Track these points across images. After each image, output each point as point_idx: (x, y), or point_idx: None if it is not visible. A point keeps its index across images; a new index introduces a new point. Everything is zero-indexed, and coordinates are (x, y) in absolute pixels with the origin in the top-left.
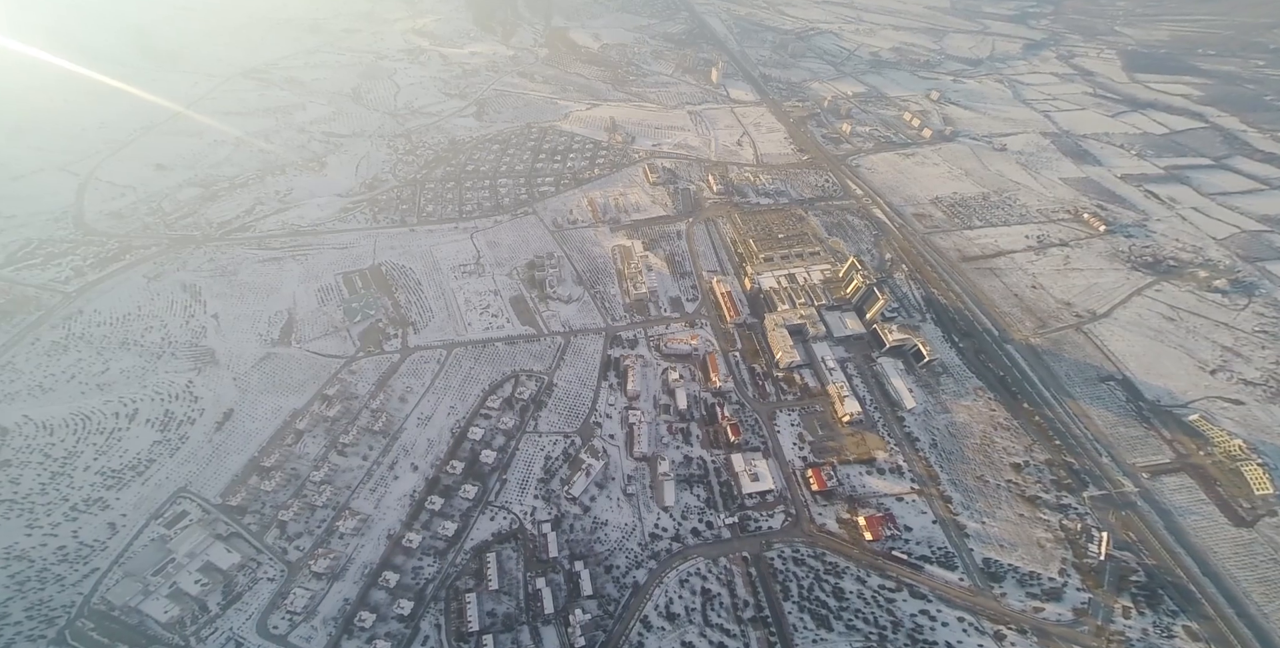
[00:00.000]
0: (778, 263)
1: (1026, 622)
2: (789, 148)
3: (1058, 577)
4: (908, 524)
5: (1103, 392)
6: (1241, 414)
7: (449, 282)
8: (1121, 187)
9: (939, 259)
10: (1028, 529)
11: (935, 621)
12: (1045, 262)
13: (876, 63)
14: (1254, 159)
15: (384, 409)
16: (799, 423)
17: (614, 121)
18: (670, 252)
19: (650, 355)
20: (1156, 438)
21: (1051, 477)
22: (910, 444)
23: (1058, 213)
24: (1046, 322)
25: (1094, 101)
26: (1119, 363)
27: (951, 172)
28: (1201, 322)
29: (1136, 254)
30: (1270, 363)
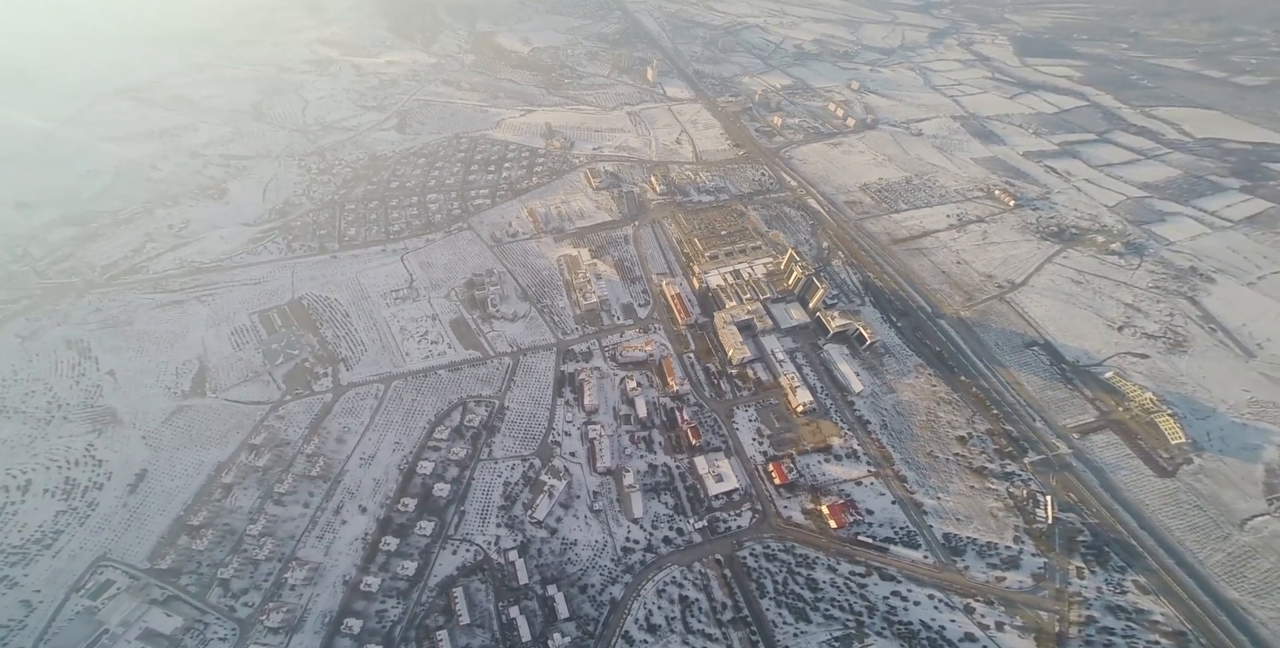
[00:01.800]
0: (723, 260)
1: (992, 593)
2: (725, 143)
3: (1013, 545)
4: (869, 508)
5: (1028, 357)
6: (1148, 367)
7: (380, 310)
8: (1024, 163)
9: (871, 243)
10: (979, 501)
11: (907, 601)
12: (966, 238)
13: (801, 55)
14: (1129, 133)
15: (321, 453)
16: (756, 418)
17: (550, 127)
18: (619, 257)
19: (606, 366)
20: (1080, 398)
21: (994, 446)
22: (862, 428)
23: (972, 191)
24: (972, 295)
25: (993, 85)
26: (1039, 328)
27: (876, 158)
28: (1105, 283)
29: (1043, 225)
30: (1165, 315)
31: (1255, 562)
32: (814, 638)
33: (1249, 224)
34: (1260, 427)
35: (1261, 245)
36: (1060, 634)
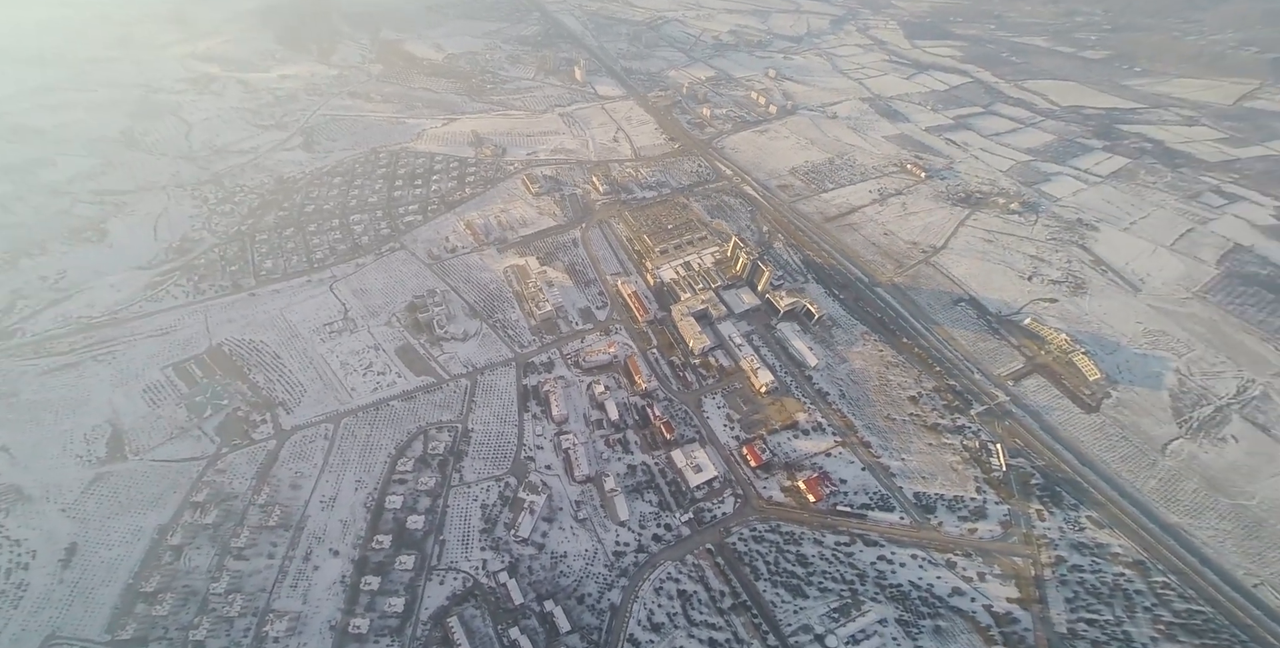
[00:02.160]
0: (673, 253)
1: (968, 545)
2: (661, 138)
3: (976, 496)
4: (842, 477)
5: (958, 313)
6: (1058, 310)
7: (315, 346)
8: (928, 138)
9: (807, 224)
10: (939, 457)
11: (893, 563)
12: (889, 211)
13: (719, 46)
14: (1009, 104)
15: (275, 502)
16: (724, 405)
17: (478, 135)
18: (569, 261)
19: (571, 374)
20: (1007, 346)
21: (943, 402)
22: (823, 400)
23: (888, 167)
24: (902, 262)
25: (891, 67)
26: (963, 285)
27: (799, 142)
28: (1010, 239)
29: (952, 193)
30: (1064, 263)
31: (1182, 485)
32: (813, 612)
33: (1114, 178)
34: (1157, 355)
35: (1127, 195)
36: (1037, 577)
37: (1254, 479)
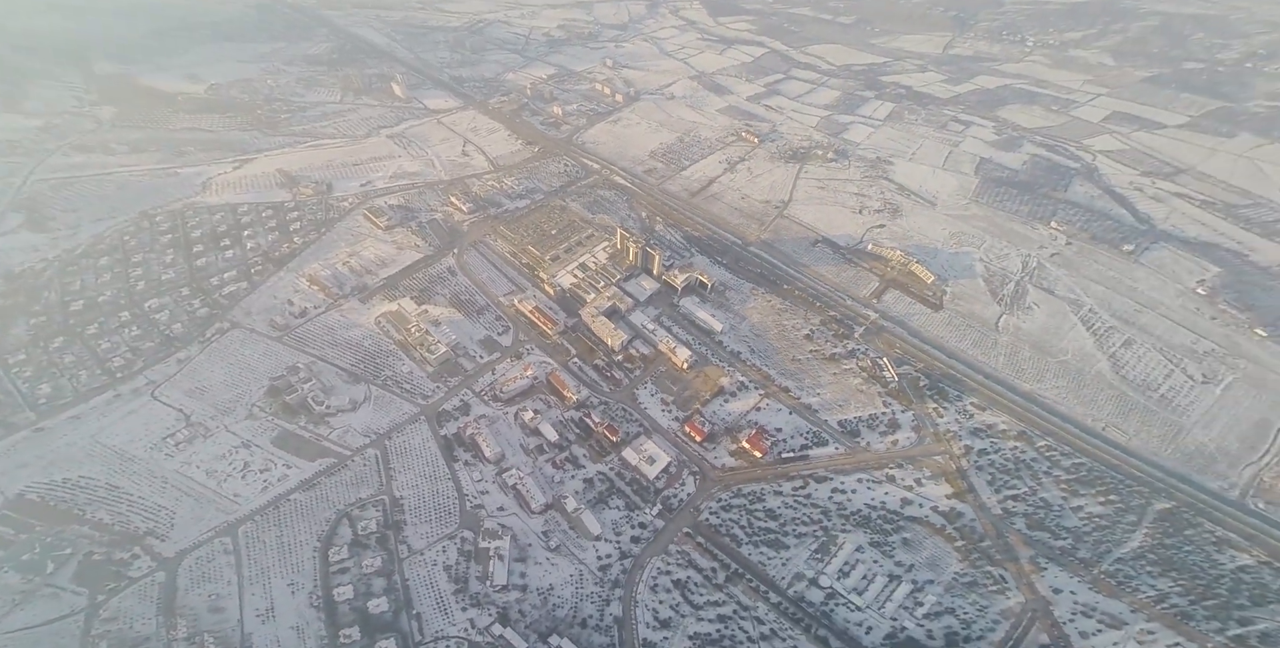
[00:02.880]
0: (564, 258)
1: (897, 457)
2: (517, 144)
3: (885, 409)
4: (777, 427)
5: (818, 253)
6: (888, 233)
7: (162, 464)
8: (751, 106)
9: (677, 202)
10: (845, 382)
11: (847, 492)
12: (739, 177)
13: (552, 43)
14: (801, 68)
15: (201, 630)
16: (656, 391)
17: (288, 174)
18: (452, 293)
19: (492, 409)
20: (862, 271)
21: (831, 332)
22: (738, 360)
23: (727, 138)
24: (762, 220)
25: (706, 45)
26: (814, 229)
27: (650, 126)
28: (835, 182)
29: (782, 152)
30: (879, 194)
31: (1020, 355)
32: (799, 558)
33: (889, 120)
34: (964, 252)
35: (901, 133)
36: (959, 470)
37: (1060, 337)
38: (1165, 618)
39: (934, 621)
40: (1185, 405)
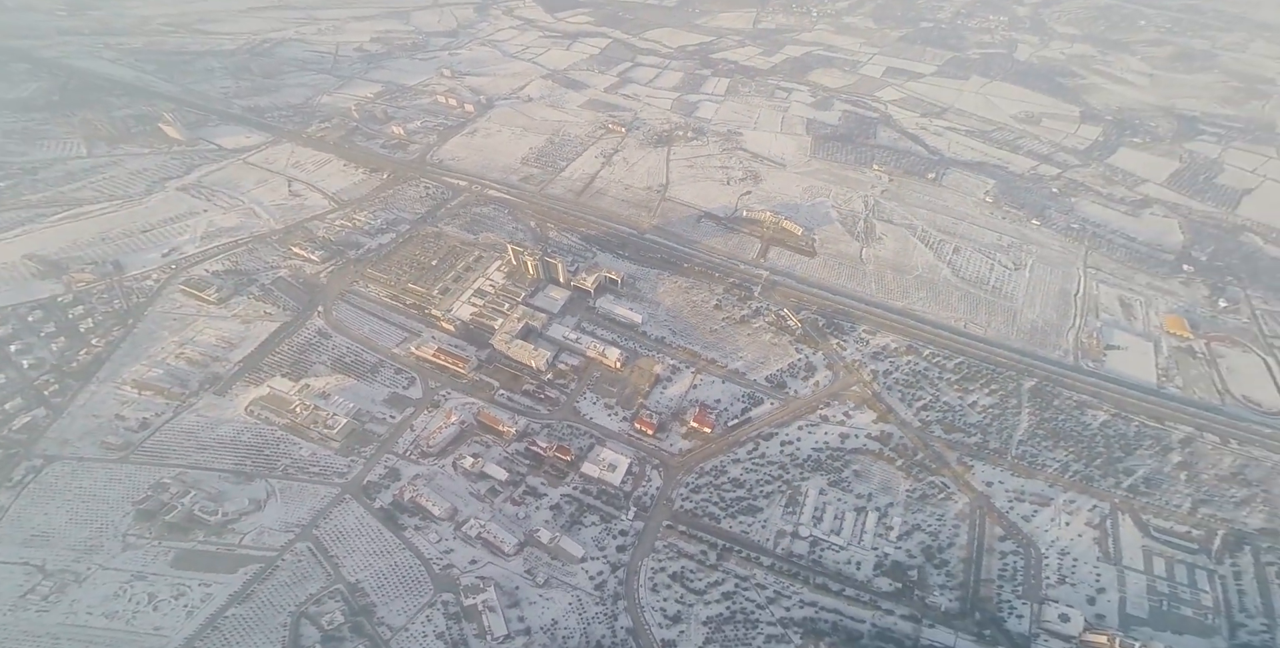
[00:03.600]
0: (456, 288)
1: (823, 397)
2: (359, 173)
3: (798, 356)
4: (716, 398)
5: (704, 228)
6: (756, 197)
7: (42, 622)
8: (609, 97)
9: (564, 204)
10: (759, 339)
11: (793, 442)
12: (618, 168)
13: (370, 58)
14: (644, 54)
15: None
16: (597, 398)
17: (45, 259)
18: (333, 357)
19: (425, 466)
20: (744, 235)
21: (735, 298)
22: (665, 345)
23: (596, 132)
24: (649, 206)
25: (550, 42)
26: (695, 206)
27: (514, 133)
28: (700, 159)
29: (649, 138)
30: (739, 163)
31: (885, 279)
32: (775, 517)
33: (729, 95)
34: (819, 202)
35: (742, 105)
36: (876, 394)
37: (909, 256)
38: (1076, 485)
39: (907, 540)
40: (1011, 291)
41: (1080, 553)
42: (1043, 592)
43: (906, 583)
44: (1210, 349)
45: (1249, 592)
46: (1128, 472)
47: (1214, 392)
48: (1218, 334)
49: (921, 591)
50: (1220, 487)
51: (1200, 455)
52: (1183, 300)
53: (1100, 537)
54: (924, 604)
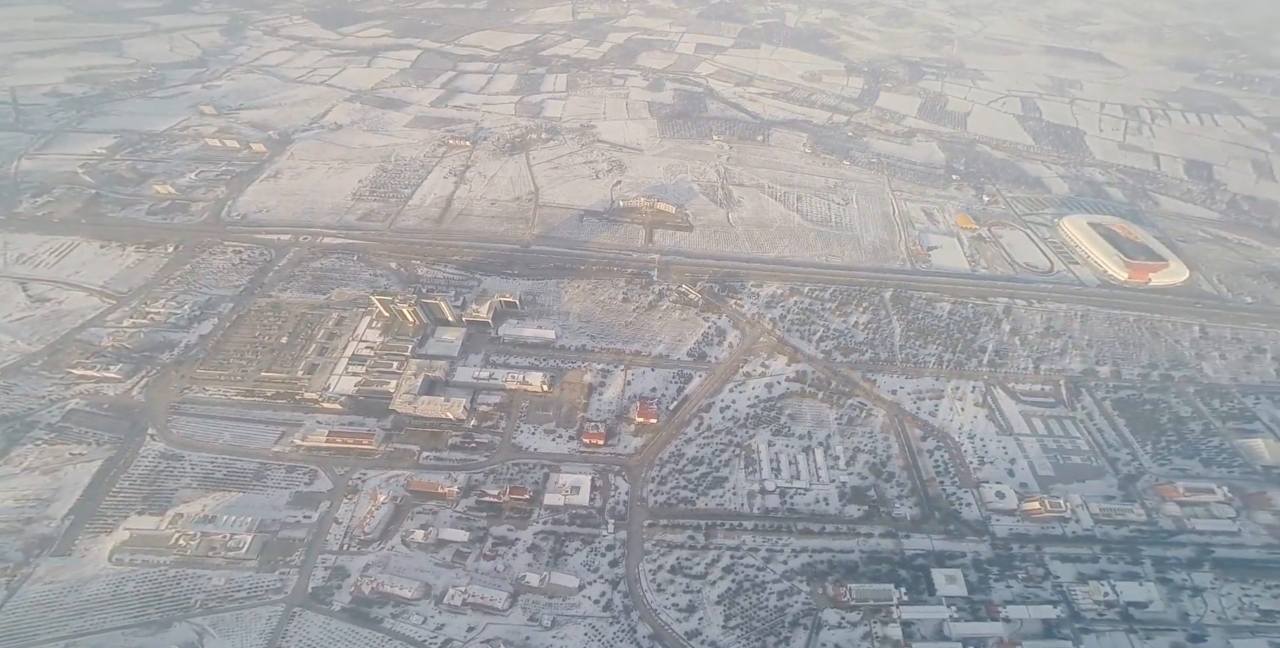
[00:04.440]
0: (325, 362)
1: (739, 356)
2: (131, 253)
3: (708, 325)
4: (652, 387)
5: (587, 225)
6: (626, 184)
7: None
8: (440, 111)
9: (424, 235)
10: (673, 320)
11: (730, 406)
12: (476, 184)
13: (77, 102)
14: (468, 61)
15: None
16: (535, 426)
17: None
18: (199, 477)
19: (374, 554)
20: (628, 224)
21: (637, 287)
22: (587, 353)
23: (436, 150)
24: (525, 217)
25: (342, 60)
26: (573, 206)
27: (332, 166)
28: (564, 159)
29: (501, 146)
30: (601, 156)
31: (753, 235)
32: (740, 480)
33: (570, 90)
34: (682, 180)
35: (586, 98)
36: (780, 339)
37: (766, 212)
38: (953, 373)
39: (854, 464)
40: (849, 223)
41: (982, 432)
42: (974, 476)
43: (871, 504)
44: (992, 233)
45: (1104, 428)
46: (981, 349)
47: (1007, 265)
48: (993, 221)
49: (885, 507)
50: (1043, 342)
51: (1020, 319)
52: (961, 202)
53: (990, 413)
54: (892, 518)
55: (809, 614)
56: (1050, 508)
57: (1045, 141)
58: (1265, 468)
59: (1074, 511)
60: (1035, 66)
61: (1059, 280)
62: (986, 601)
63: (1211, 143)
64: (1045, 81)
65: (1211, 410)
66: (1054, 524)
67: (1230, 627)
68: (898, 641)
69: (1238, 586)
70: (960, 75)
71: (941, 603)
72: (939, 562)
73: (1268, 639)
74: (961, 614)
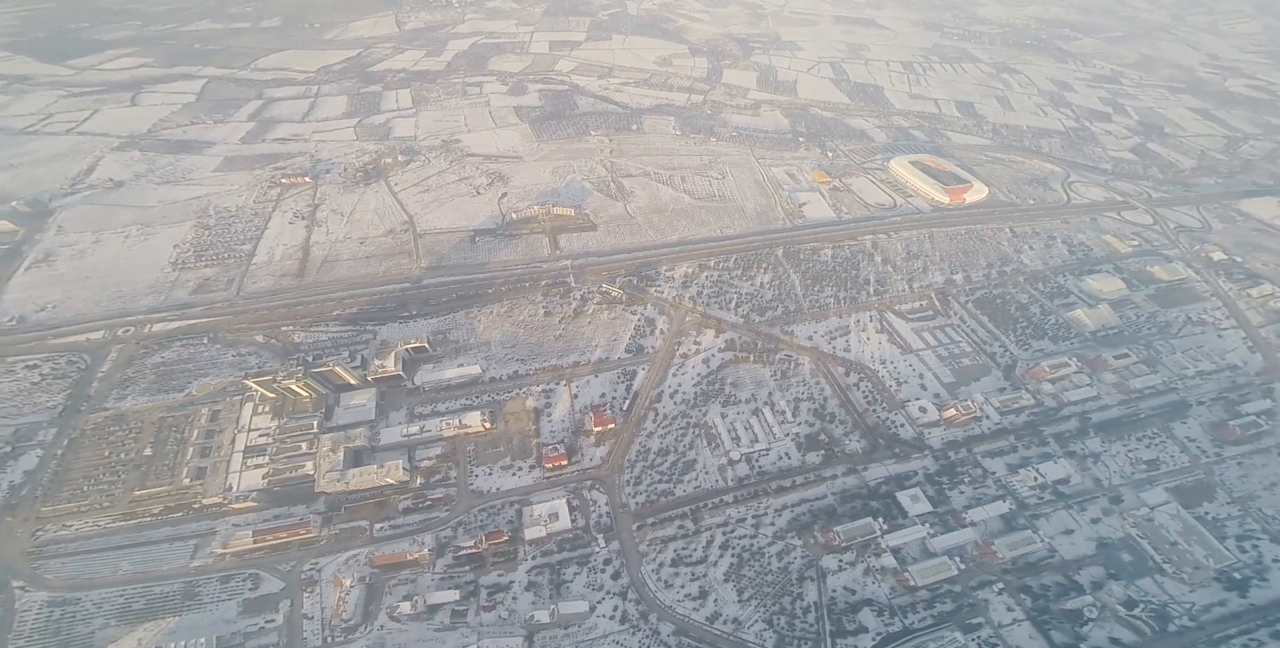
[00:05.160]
0: (212, 464)
1: (673, 340)
2: None
3: (637, 318)
4: (601, 394)
5: (480, 245)
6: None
7: None
8: (257, 147)
9: (284, 297)
10: (601, 322)
11: (677, 390)
12: (334, 225)
13: None
14: (275, 87)
15: None
16: (490, 467)
17: None
18: (114, 614)
19: (362, 637)
20: (526, 235)
21: (557, 297)
22: (522, 377)
23: (268, 193)
24: (407, 250)
25: (95, 100)
26: (461, 228)
27: (124, 235)
28: (433, 179)
29: (352, 177)
30: (474, 169)
31: (652, 221)
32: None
33: (420, 106)
34: (569, 180)
35: (442, 112)
36: (704, 315)
37: (658, 198)
38: (850, 307)
39: (799, 414)
40: (731, 195)
41: (889, 356)
42: (898, 399)
43: (825, 447)
44: (843, 183)
45: (975, 328)
46: (865, 282)
47: (862, 208)
48: (841, 173)
49: (837, 446)
50: (909, 264)
51: (886, 250)
52: (811, 160)
53: (890, 337)
54: (847, 455)
55: (810, 566)
56: (964, 412)
57: (858, 99)
58: (1092, 333)
59: (981, 409)
60: (832, 35)
61: (903, 212)
62: (950, 510)
63: (967, 86)
64: (843, 47)
65: (1040, 293)
66: (972, 426)
67: (1133, 482)
68: (894, 568)
69: (1119, 445)
70: (780, 48)
71: (915, 523)
72: (899, 485)
73: (1163, 486)
74: (935, 529)
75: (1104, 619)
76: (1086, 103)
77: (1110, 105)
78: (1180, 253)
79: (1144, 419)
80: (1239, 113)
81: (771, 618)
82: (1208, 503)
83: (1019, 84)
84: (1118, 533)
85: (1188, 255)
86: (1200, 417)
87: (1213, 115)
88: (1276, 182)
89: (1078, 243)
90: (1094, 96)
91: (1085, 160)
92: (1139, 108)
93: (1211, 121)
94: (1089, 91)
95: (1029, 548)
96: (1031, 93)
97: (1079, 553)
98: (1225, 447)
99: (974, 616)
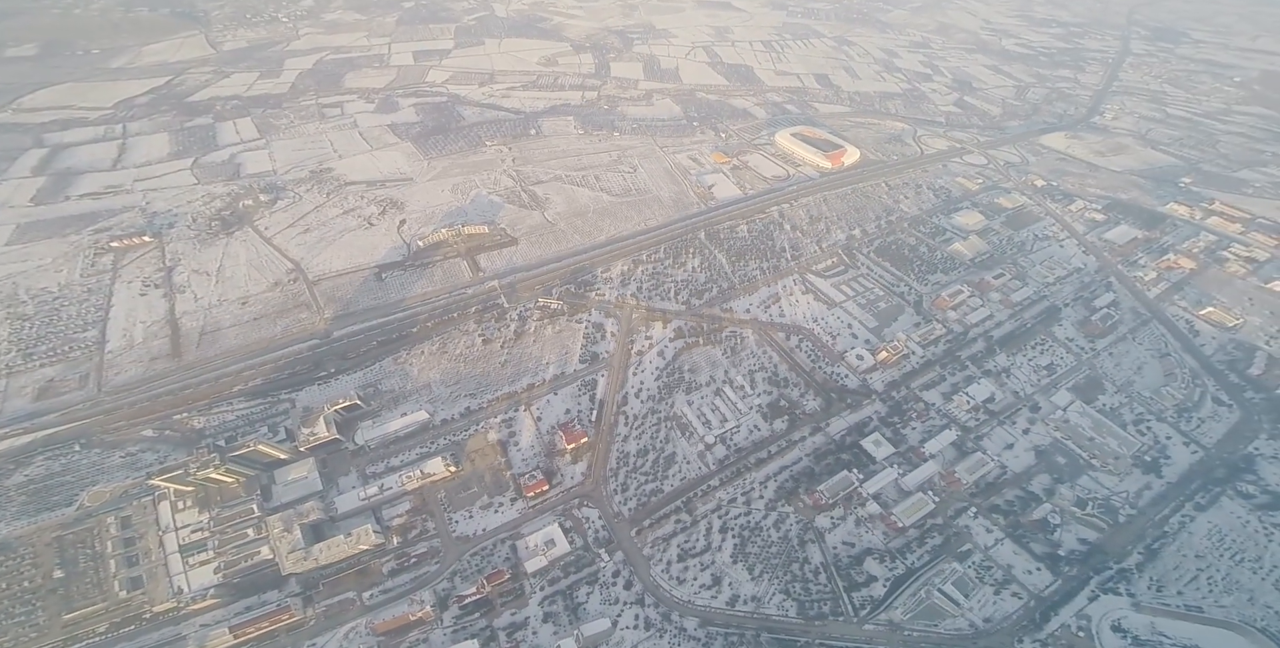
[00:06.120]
0: (147, 570)
1: (626, 340)
2: None
3: (585, 326)
4: (565, 410)
5: (393, 280)
6: (414, 221)
7: None
8: (60, 208)
9: (168, 380)
10: (546, 338)
11: (641, 388)
12: (199, 286)
13: None
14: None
15: None
16: (470, 510)
17: None
18: None
19: None
20: (442, 261)
21: (492, 321)
22: (475, 413)
23: (96, 262)
24: (304, 301)
25: None
26: (361, 266)
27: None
28: (311, 217)
29: (205, 228)
30: (364, 198)
31: (575, 226)
32: (685, 449)
33: (270, 135)
34: (473, 196)
35: (301, 140)
36: (649, 310)
37: (575, 201)
38: (774, 277)
39: (758, 385)
40: (645, 187)
41: (818, 313)
42: (836, 351)
43: (787, 412)
44: (741, 161)
45: (881, 274)
46: (781, 249)
47: (762, 182)
48: (736, 151)
49: (797, 408)
50: (813, 228)
51: (792, 217)
52: (708, 143)
53: (815, 296)
54: (808, 415)
55: (807, 529)
56: (894, 352)
57: (734, 79)
58: (971, 260)
59: (906, 346)
60: (698, 20)
61: (797, 181)
62: (910, 448)
63: (819, 59)
64: (711, 31)
65: (923, 234)
66: (904, 364)
67: (1041, 389)
68: (881, 513)
69: (1021, 356)
70: (656, 36)
71: (885, 467)
72: (860, 433)
73: (1065, 388)
74: (902, 468)
75: (1067, 522)
76: (911, 67)
77: (929, 67)
78: (1014, 184)
79: (1031, 329)
80: (1019, 67)
81: (787, 588)
82: (1101, 396)
83: (858, 54)
84: (1046, 439)
85: (1019, 186)
86: (1069, 317)
87: (1001, 70)
88: (1058, 120)
89: (939, 187)
90: (915, 61)
91: (924, 116)
92: (950, 68)
93: (1001, 75)
94: (910, 57)
95: (984, 469)
96: (869, 62)
97: (1024, 464)
98: (1095, 341)
99: (962, 544)
